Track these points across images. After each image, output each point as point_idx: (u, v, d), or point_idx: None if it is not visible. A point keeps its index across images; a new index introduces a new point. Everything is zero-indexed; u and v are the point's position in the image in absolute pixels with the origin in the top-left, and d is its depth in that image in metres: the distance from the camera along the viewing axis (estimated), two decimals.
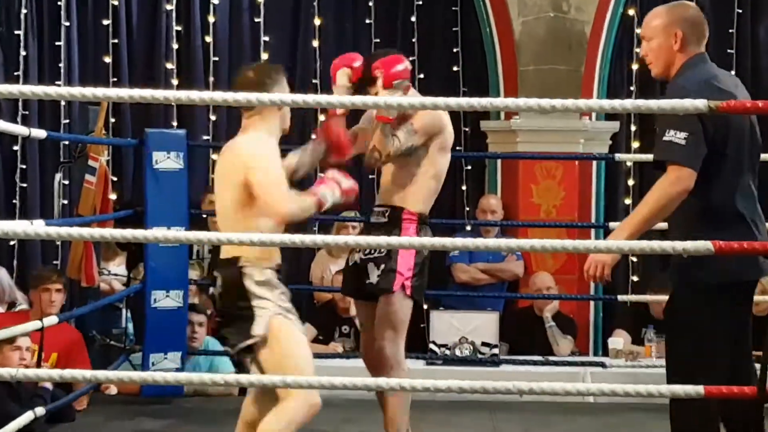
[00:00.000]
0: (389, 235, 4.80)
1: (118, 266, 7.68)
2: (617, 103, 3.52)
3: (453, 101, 3.53)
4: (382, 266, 4.98)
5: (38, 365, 5.54)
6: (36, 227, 3.63)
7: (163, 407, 6.50)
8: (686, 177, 3.84)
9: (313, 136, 5.35)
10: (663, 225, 3.99)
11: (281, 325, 4.33)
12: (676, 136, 3.84)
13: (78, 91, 3.42)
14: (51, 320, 5.41)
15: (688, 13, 4.20)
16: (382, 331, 4.98)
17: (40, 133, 5.49)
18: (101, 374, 3.25)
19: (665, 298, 7.26)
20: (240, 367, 6.96)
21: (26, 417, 5.16)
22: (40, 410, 5.35)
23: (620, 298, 7.58)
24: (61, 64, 8.47)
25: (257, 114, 4.56)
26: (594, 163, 8.38)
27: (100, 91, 3.45)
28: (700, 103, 3.37)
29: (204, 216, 7.62)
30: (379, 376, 4.85)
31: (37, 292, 6.43)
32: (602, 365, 7.06)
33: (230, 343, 4.41)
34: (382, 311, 4.99)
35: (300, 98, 3.52)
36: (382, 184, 5.24)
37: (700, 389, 3.19)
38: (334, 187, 4.54)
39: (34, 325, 5.22)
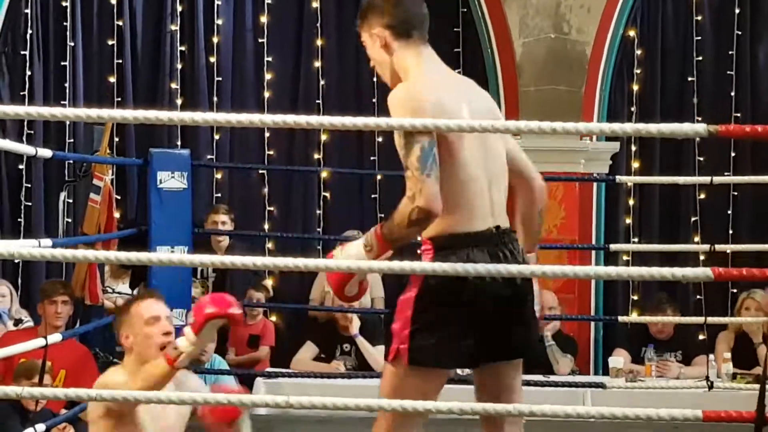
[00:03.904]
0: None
1: (121, 285, 7.72)
2: (617, 127, 3.55)
3: (454, 123, 3.57)
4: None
5: (40, 383, 5.56)
6: (42, 249, 3.67)
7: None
8: None
9: None
10: (664, 247, 4.02)
11: None
12: None
13: (83, 113, 3.45)
14: (55, 338, 5.43)
15: None
16: (380, 414, 3.72)
17: (47, 153, 5.53)
18: (107, 393, 3.28)
19: (666, 318, 7.38)
20: (246, 384, 7.00)
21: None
22: (40, 427, 5.37)
23: (621, 319, 7.61)
24: (67, 84, 8.54)
25: None
26: (594, 183, 8.43)
27: (105, 113, 3.49)
28: (700, 127, 3.40)
29: (209, 235, 7.68)
30: None
31: (44, 305, 6.48)
32: (602, 386, 7.07)
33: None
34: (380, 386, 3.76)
35: (303, 119, 3.55)
36: None
37: (698, 413, 3.22)
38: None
39: (37, 342, 5.22)
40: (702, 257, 7.89)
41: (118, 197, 7.98)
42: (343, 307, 7.34)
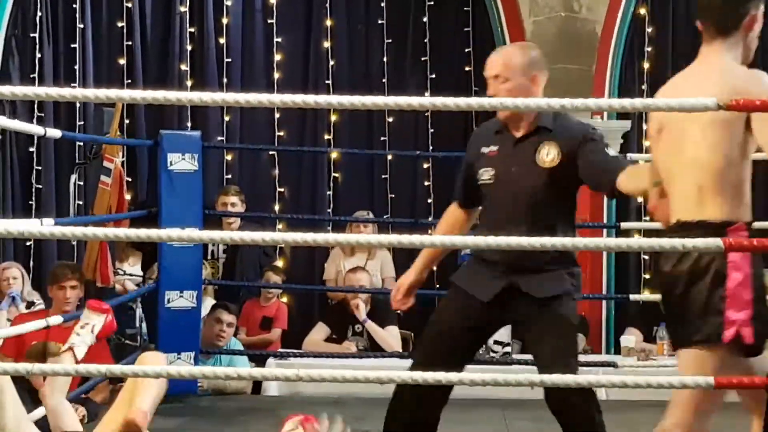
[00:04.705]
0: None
1: (132, 266, 7.74)
2: (627, 102, 3.53)
3: (463, 101, 3.56)
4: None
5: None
6: (45, 227, 3.67)
7: (177, 405, 6.54)
8: None
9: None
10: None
11: None
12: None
13: (92, 93, 3.45)
14: (56, 319, 5.43)
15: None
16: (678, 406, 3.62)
17: (56, 133, 5.53)
18: (116, 368, 3.29)
19: None
20: (258, 365, 7.03)
21: (38, 413, 5.19)
22: None
23: (632, 297, 7.60)
24: (76, 66, 8.55)
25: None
26: None
27: (114, 93, 3.49)
28: (710, 102, 3.38)
29: (219, 216, 7.69)
30: None
31: (54, 290, 6.48)
32: (614, 365, 7.07)
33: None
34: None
35: (312, 99, 3.54)
36: None
37: (710, 380, 3.22)
38: (87, 333, 4.42)
39: (38, 323, 5.23)
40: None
41: (129, 179, 7.99)
42: (354, 288, 7.36)
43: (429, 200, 8.68)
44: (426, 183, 8.74)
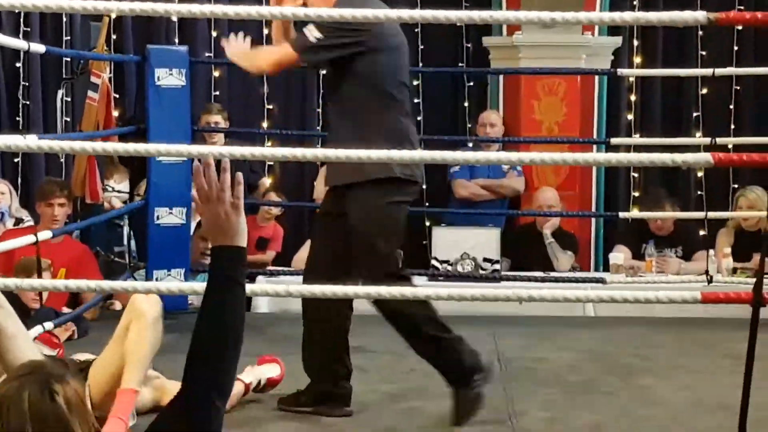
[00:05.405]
0: None
1: (119, 183, 7.71)
2: (617, 16, 3.52)
3: (454, 14, 3.53)
4: None
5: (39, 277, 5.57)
6: (31, 140, 3.65)
7: (170, 322, 6.54)
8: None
9: None
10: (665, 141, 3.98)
11: None
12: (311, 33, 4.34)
13: (79, 4, 3.42)
14: (45, 234, 5.39)
15: None
16: None
17: (40, 48, 5.48)
18: (106, 284, 3.29)
19: (667, 214, 7.40)
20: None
21: (35, 331, 5.20)
22: (48, 325, 5.39)
23: (621, 214, 7.61)
24: None
25: None
26: (596, 78, 8.36)
27: (101, 4, 3.46)
28: (700, 15, 3.36)
29: (207, 133, 7.65)
30: None
31: (42, 206, 6.46)
32: (602, 281, 7.10)
33: None
34: None
35: (301, 11, 3.50)
36: None
37: (697, 295, 3.23)
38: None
39: (27, 239, 5.20)
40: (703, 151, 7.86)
41: (116, 95, 7.92)
42: None
43: (419, 117, 8.64)
44: (416, 100, 8.69)
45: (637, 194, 8.62)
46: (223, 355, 2.25)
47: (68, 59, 8.13)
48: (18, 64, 8.39)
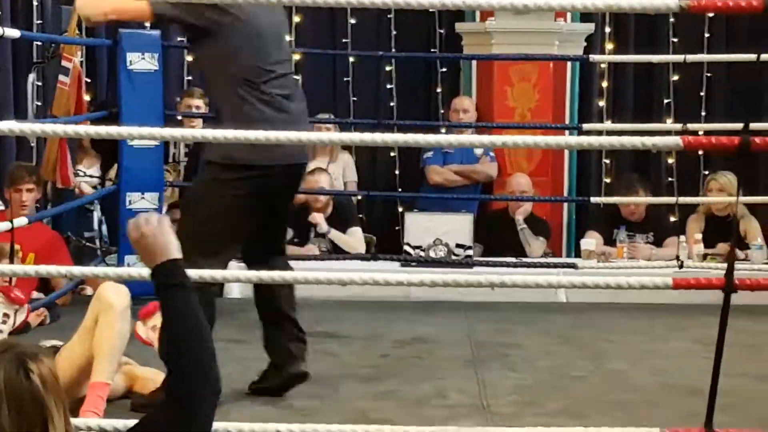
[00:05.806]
0: None
1: (89, 168, 7.66)
2: (589, 2, 3.52)
3: (426, 0, 3.53)
4: None
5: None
6: (11, 124, 3.63)
7: (138, 308, 6.53)
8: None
9: None
10: (636, 126, 4.00)
11: None
12: None
13: None
14: (21, 221, 5.38)
15: None
16: None
17: (14, 33, 5.44)
18: (77, 270, 3.28)
19: (638, 199, 7.43)
20: None
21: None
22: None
23: (593, 200, 7.64)
24: None
25: None
26: (569, 65, 8.38)
27: None
28: (672, 2, 3.37)
29: (179, 118, 7.61)
30: None
31: (10, 192, 6.42)
32: (574, 266, 7.13)
33: None
34: None
35: None
36: None
37: (668, 281, 3.25)
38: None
39: (3, 225, 5.18)
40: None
41: (88, 80, 7.87)
42: (314, 189, 7.34)
43: (392, 103, 8.64)
44: (389, 86, 8.69)
45: (608, 180, 8.64)
46: (201, 354, 2.32)
47: (39, 43, 8.07)
48: None
